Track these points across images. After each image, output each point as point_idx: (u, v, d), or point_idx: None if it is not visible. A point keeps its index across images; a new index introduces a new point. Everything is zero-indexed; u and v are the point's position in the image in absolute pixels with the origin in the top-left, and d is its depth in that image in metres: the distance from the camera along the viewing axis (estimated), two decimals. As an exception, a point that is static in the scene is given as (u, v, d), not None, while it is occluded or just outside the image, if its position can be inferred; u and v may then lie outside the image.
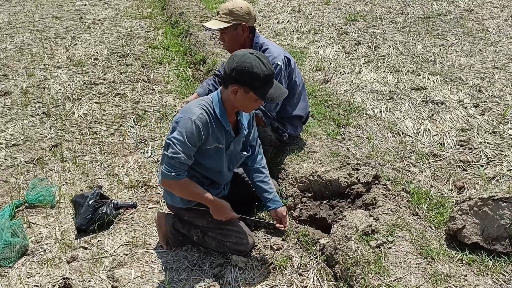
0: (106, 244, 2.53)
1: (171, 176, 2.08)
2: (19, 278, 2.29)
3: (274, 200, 2.45)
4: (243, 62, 2.03)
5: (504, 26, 5.48)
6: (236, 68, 2.04)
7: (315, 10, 6.88)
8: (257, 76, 2.03)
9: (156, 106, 4.28)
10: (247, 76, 2.03)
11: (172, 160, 2.07)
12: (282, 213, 2.44)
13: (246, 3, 2.74)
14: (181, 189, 2.18)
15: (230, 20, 2.70)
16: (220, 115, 2.18)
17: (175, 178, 2.09)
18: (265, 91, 2.09)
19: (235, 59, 2.06)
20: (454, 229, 2.25)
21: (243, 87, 2.07)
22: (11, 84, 4.69)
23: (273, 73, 2.13)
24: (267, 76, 2.06)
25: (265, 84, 2.08)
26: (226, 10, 2.70)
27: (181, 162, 2.08)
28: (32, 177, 3.15)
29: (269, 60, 2.13)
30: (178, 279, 2.25)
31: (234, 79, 2.07)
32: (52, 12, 7.73)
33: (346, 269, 2.11)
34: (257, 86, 2.06)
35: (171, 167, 2.08)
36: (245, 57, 2.04)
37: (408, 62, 4.67)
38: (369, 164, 2.91)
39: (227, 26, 2.71)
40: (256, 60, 2.03)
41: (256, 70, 2.02)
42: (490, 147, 3.12)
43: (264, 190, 2.46)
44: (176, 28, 6.70)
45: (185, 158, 2.08)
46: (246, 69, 2.02)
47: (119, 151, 3.51)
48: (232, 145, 2.31)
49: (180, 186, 2.14)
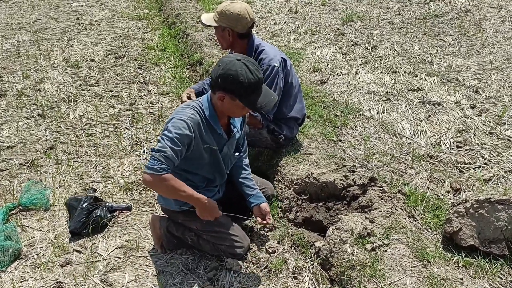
0: (100, 247, 2.51)
1: (154, 169, 1.98)
2: (12, 282, 2.27)
3: (257, 196, 2.41)
4: (228, 70, 1.98)
5: (501, 26, 5.48)
6: (221, 76, 1.99)
7: (312, 11, 6.87)
8: (242, 84, 1.98)
9: (152, 107, 4.26)
10: (232, 84, 1.99)
11: (158, 153, 1.99)
12: (266, 209, 2.39)
13: (239, 10, 2.64)
14: (164, 184, 2.02)
15: (218, 20, 2.68)
16: (210, 119, 2.15)
17: (157, 172, 1.98)
18: (252, 99, 2.04)
19: (221, 66, 2.01)
20: (450, 231, 2.24)
21: (229, 94, 2.03)
22: (6, 86, 4.66)
23: (261, 80, 2.06)
24: (253, 84, 2.00)
25: (251, 92, 2.02)
26: (220, 9, 2.69)
27: (166, 156, 1.99)
28: (26, 179, 3.13)
29: (258, 67, 2.06)
30: (172, 282, 2.23)
31: (219, 86, 2.03)
32: (49, 13, 7.70)
33: (341, 273, 2.10)
34: (242, 94, 2.01)
35: (155, 160, 1.99)
36: (231, 64, 1.98)
37: (405, 63, 4.66)
38: (365, 166, 2.89)
39: (215, 25, 2.70)
40: (242, 67, 1.98)
41: (242, 78, 1.97)
42: (487, 148, 3.11)
43: (247, 186, 2.43)
44: (173, 29, 6.68)
45: (171, 153, 2.00)
46: (231, 77, 1.97)
47: (114, 153, 3.48)
48: (226, 148, 2.29)
49: (161, 181, 2.00)
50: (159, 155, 1.99)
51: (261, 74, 2.05)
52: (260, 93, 2.07)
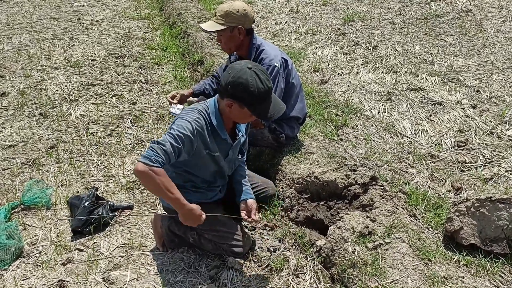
0: (101, 246, 2.52)
1: (149, 158, 1.91)
2: (14, 281, 2.28)
3: (246, 192, 2.40)
4: (239, 78, 1.97)
5: (502, 26, 5.48)
6: (231, 83, 1.99)
7: (313, 10, 6.87)
8: (251, 93, 1.97)
9: (154, 107, 4.26)
10: (242, 93, 1.98)
11: (157, 144, 1.96)
12: (253, 205, 2.34)
13: (243, 5, 2.71)
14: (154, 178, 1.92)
15: (226, 22, 2.68)
16: (217, 126, 2.15)
17: (151, 163, 1.91)
18: (260, 108, 2.04)
19: (231, 73, 2.00)
20: (451, 230, 2.24)
21: (238, 102, 2.03)
22: (8, 86, 4.67)
23: (271, 90, 2.05)
24: (263, 94, 2.00)
25: (260, 101, 2.02)
26: (222, 12, 2.68)
27: (164, 150, 1.95)
28: (28, 178, 3.14)
29: (268, 76, 2.05)
30: (174, 281, 2.24)
31: (228, 93, 2.02)
32: (50, 13, 7.71)
33: (342, 271, 2.10)
34: (251, 103, 2.01)
35: (152, 151, 1.94)
36: (242, 72, 1.98)
37: (406, 62, 4.66)
38: (367, 165, 2.90)
39: (223, 29, 2.70)
40: (252, 76, 1.97)
41: (252, 88, 1.96)
42: (488, 148, 3.11)
43: (239, 182, 2.43)
44: (174, 29, 6.69)
45: (170, 148, 1.96)
46: (241, 85, 1.97)
47: (116, 152, 3.49)
48: (231, 152, 2.30)
49: (152, 173, 1.91)
50: (157, 147, 1.95)
51: (271, 84, 2.04)
52: (270, 102, 2.07)
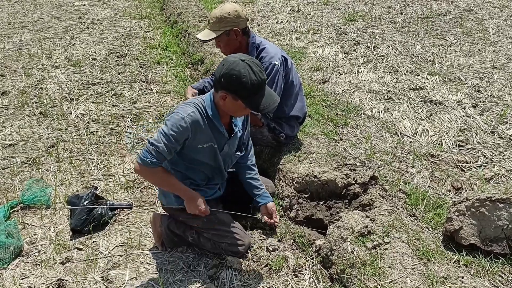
0: (101, 245, 2.52)
1: (145, 161, 2.07)
2: (13, 280, 2.28)
3: (264, 196, 2.44)
4: (232, 70, 1.98)
5: (503, 26, 5.46)
6: (224, 75, 2.00)
7: (314, 10, 6.86)
8: (244, 85, 1.98)
9: (154, 106, 4.26)
10: (235, 85, 1.99)
11: (151, 146, 2.07)
12: (273, 208, 2.44)
13: (233, 7, 2.69)
14: (153, 176, 2.17)
15: (220, 28, 2.68)
16: (213, 117, 2.16)
17: (148, 165, 2.08)
18: (254, 100, 2.05)
19: (224, 65, 2.02)
20: (451, 230, 2.23)
21: (231, 94, 2.04)
22: (8, 85, 4.68)
23: (264, 82, 2.06)
24: (256, 86, 2.00)
25: (254, 93, 2.03)
26: (215, 18, 2.68)
27: (158, 151, 2.06)
28: (28, 177, 3.14)
29: (262, 68, 2.05)
30: (173, 280, 2.23)
31: (222, 86, 2.04)
32: (51, 12, 7.71)
33: (342, 271, 2.10)
34: (244, 95, 2.02)
35: (147, 153, 2.07)
36: (234, 64, 1.99)
37: (407, 62, 4.65)
38: (366, 164, 2.89)
39: (219, 34, 2.69)
40: (245, 68, 1.98)
41: (244, 79, 1.97)
42: (488, 147, 3.10)
43: (254, 186, 2.46)
44: (175, 28, 6.69)
45: (164, 149, 2.06)
46: (234, 77, 1.98)
47: (116, 151, 3.49)
48: (226, 146, 2.30)
49: (152, 173, 2.13)
50: (152, 149, 2.07)
51: (264, 76, 2.05)
52: (263, 94, 2.07)
